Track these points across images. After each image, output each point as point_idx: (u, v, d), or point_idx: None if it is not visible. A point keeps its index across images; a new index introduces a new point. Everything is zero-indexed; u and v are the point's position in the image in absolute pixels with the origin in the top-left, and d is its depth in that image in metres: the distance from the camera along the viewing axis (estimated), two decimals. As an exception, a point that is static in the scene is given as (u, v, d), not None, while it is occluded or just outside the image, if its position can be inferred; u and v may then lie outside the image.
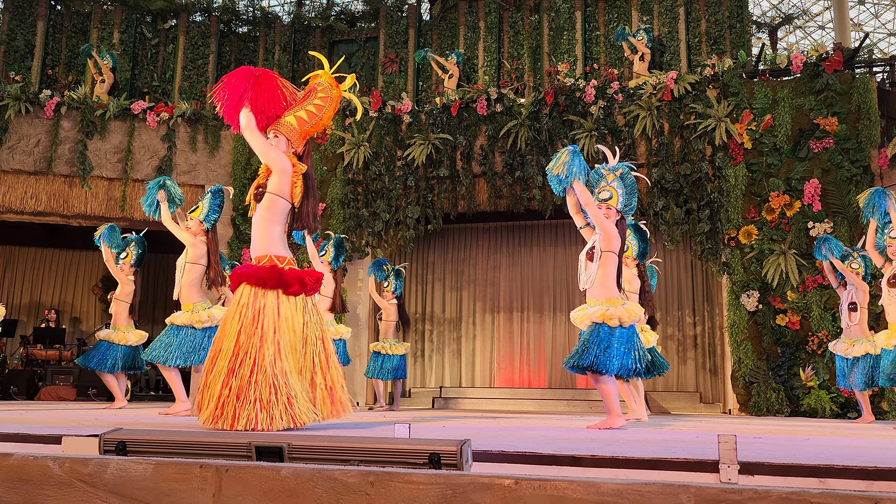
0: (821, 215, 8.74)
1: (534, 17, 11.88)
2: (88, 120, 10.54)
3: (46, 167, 10.40)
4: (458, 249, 11.77)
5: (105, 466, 1.97)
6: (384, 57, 12.16)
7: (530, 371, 11.17)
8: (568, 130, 9.78)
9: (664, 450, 2.69)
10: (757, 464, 2.28)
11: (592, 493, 1.67)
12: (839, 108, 8.94)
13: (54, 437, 2.73)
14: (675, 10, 11.16)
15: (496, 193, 10.09)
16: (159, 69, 12.46)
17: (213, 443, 2.22)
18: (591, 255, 4.51)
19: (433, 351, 11.58)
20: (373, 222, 10.28)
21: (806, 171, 8.91)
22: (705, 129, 9.27)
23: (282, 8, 16.40)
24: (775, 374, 8.52)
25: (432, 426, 4.54)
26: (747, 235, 8.99)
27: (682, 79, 9.51)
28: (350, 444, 2.11)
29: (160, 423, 4.33)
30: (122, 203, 10.50)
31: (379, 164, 10.36)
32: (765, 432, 4.41)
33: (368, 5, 12.78)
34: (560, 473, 2.41)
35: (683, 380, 10.51)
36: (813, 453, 2.74)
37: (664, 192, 9.39)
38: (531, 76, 11.57)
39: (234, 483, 1.88)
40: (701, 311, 10.63)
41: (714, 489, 1.62)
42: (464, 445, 2.04)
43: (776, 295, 8.72)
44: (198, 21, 12.76)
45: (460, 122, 10.22)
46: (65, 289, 13.87)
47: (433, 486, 1.76)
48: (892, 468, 2.19)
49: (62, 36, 12.33)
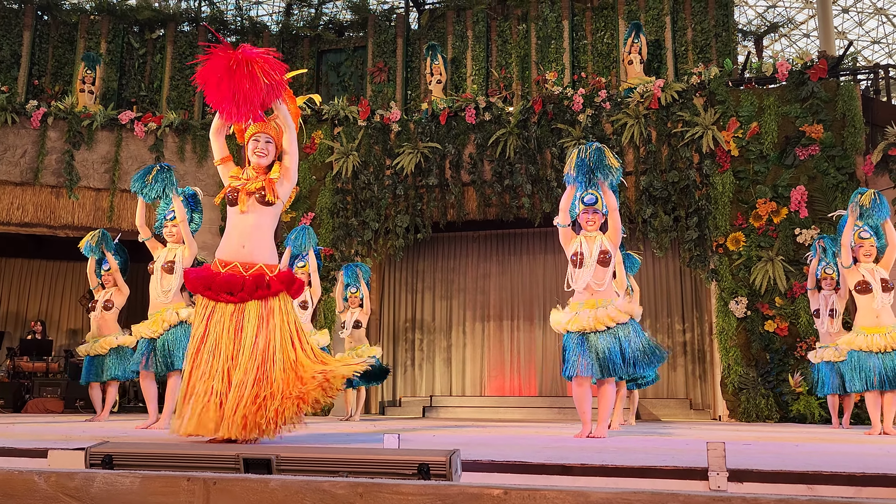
0: (807, 222, 8.80)
1: (521, 26, 11.93)
2: (75, 130, 10.50)
3: (33, 178, 10.34)
4: (448, 258, 11.77)
5: (91, 480, 1.95)
6: (372, 66, 12.18)
7: (520, 379, 11.17)
8: (556, 138, 9.82)
9: (653, 458, 2.70)
10: (746, 471, 2.28)
11: (581, 503, 1.67)
12: (824, 116, 9.02)
13: (40, 451, 2.70)
14: (662, 18, 11.24)
15: (485, 202, 10.10)
16: (147, 79, 12.42)
17: (201, 455, 2.20)
18: (603, 259, 4.47)
19: (423, 359, 11.56)
20: (362, 231, 10.27)
21: (792, 178, 8.98)
22: (692, 137, 9.33)
23: (270, 17, 16.42)
24: (764, 381, 8.55)
25: (422, 436, 4.53)
26: (735, 242, 9.04)
27: (669, 87, 9.57)
28: (338, 455, 2.10)
29: (147, 436, 4.30)
30: (109, 213, 10.44)
31: (368, 173, 10.36)
32: (754, 439, 4.42)
33: (356, 15, 12.80)
34: (550, 482, 2.41)
35: (673, 386, 10.53)
36: (802, 460, 2.75)
37: (652, 199, 9.43)
38: (519, 85, 11.61)
39: (221, 496, 1.86)
40: (690, 317, 10.67)
41: (703, 497, 1.62)
42: (453, 455, 2.03)
43: (764, 301, 8.76)
44: (185, 31, 12.74)
45: (449, 130, 10.24)
46: (52, 300, 13.76)
47: (422, 497, 1.76)
48: (880, 474, 2.20)
49: (49, 46, 12.28)
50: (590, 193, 4.59)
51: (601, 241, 4.52)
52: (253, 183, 3.63)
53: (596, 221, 4.57)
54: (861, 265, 5.74)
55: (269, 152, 3.73)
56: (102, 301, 7.23)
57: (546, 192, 9.75)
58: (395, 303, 11.75)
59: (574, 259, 4.51)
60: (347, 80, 12.51)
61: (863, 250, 5.74)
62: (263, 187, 3.60)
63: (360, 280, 8.24)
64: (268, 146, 3.72)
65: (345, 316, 8.23)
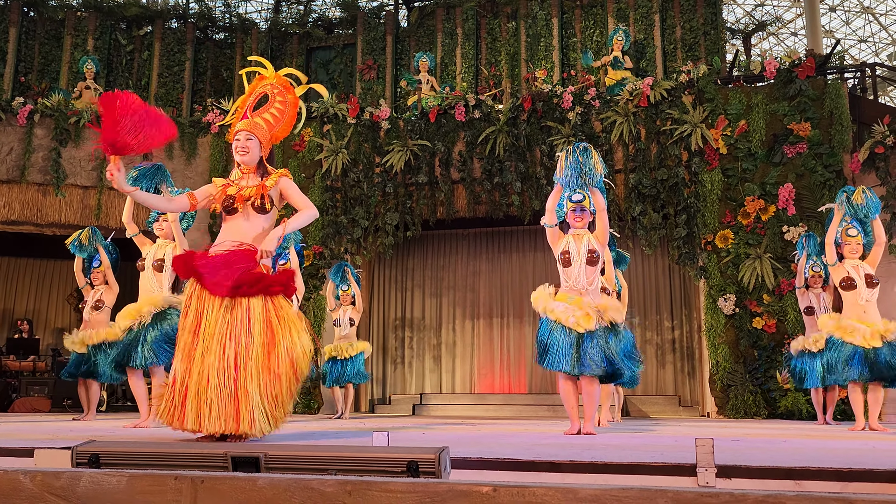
0: (795, 219, 8.85)
1: (511, 24, 11.93)
2: (62, 127, 10.42)
3: (19, 175, 10.25)
4: (438, 256, 11.76)
5: (78, 479, 1.93)
6: (362, 63, 12.15)
7: (510, 377, 11.18)
8: (546, 136, 9.83)
9: (642, 454, 2.70)
10: (734, 467, 2.30)
11: (570, 499, 1.67)
12: (812, 114, 9.07)
13: (26, 450, 2.68)
14: (651, 16, 11.27)
15: (475, 199, 10.10)
16: (134, 76, 12.34)
17: (188, 454, 2.19)
18: (591, 258, 4.49)
19: (413, 357, 11.56)
20: (351, 229, 10.25)
21: (780, 176, 9.02)
22: (681, 135, 9.36)
23: (259, 14, 16.36)
24: (752, 377, 8.60)
25: (412, 433, 4.53)
26: (723, 240, 9.08)
27: (658, 85, 9.60)
28: (327, 453, 2.10)
29: (134, 435, 4.28)
30: (97, 211, 10.37)
31: (357, 170, 10.34)
32: (742, 435, 4.44)
33: (346, 12, 12.76)
34: (539, 479, 2.41)
35: (662, 383, 10.58)
36: (789, 456, 2.77)
37: (641, 197, 9.46)
38: (509, 82, 11.61)
39: (209, 494, 1.85)
40: (679, 314, 10.71)
41: (691, 493, 1.63)
42: (442, 453, 2.03)
43: (752, 298, 8.81)
44: (174, 28, 12.66)
45: (438, 128, 10.23)
46: (38, 299, 13.65)
47: (411, 495, 1.75)
48: (866, 469, 2.22)
49: (35, 43, 12.18)
50: (578, 192, 4.61)
51: (588, 239, 4.53)
52: (248, 189, 3.64)
53: (584, 220, 4.59)
54: (847, 262, 5.76)
55: (249, 149, 3.69)
56: (93, 301, 7.08)
57: (535, 189, 9.76)
58: (384, 300, 11.73)
59: (562, 258, 4.53)
60: (337, 77, 12.47)
61: (849, 248, 5.76)
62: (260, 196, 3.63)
63: (349, 278, 8.30)
64: (248, 143, 3.69)
65: (337, 314, 8.32)
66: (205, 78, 12.66)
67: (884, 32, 21.14)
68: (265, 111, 3.76)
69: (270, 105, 3.79)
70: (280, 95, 3.80)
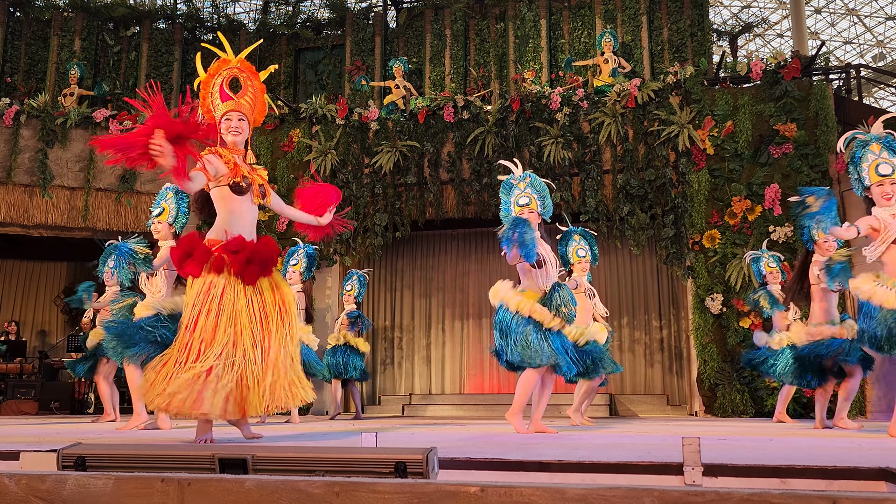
0: (781, 219, 8.91)
1: (499, 25, 11.95)
2: (49, 128, 10.35)
3: (6, 177, 10.18)
4: (427, 256, 11.76)
5: (63, 482, 1.92)
6: (350, 64, 12.14)
7: (500, 377, 11.19)
8: (534, 137, 9.85)
9: (630, 454, 2.72)
10: (721, 465, 2.31)
11: (558, 499, 1.68)
12: (798, 115, 9.13)
13: (12, 453, 2.66)
14: (638, 18, 11.31)
15: (464, 200, 10.11)
16: (122, 77, 12.28)
17: (175, 456, 2.18)
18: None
19: (402, 358, 11.55)
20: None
21: (766, 176, 9.08)
22: (669, 136, 9.40)
23: (247, 15, 16.30)
24: (739, 376, 8.65)
25: (400, 434, 4.53)
26: (711, 240, 9.12)
27: (646, 86, 9.64)
28: (315, 454, 2.10)
29: (121, 437, 4.26)
30: (84, 213, 10.30)
31: (346, 171, 10.33)
32: (729, 433, 4.47)
33: (334, 13, 12.75)
34: (527, 479, 2.42)
35: (651, 382, 10.62)
36: (775, 454, 2.79)
37: (629, 197, 9.50)
38: (497, 83, 11.63)
39: (196, 496, 1.85)
40: (667, 314, 10.76)
41: (677, 492, 1.64)
42: (430, 453, 2.03)
43: (739, 298, 8.86)
44: (161, 28, 12.61)
45: (427, 129, 10.23)
46: (25, 301, 13.55)
47: (399, 496, 1.76)
48: (850, 467, 2.24)
49: (21, 43, 12.09)
50: (525, 195, 4.73)
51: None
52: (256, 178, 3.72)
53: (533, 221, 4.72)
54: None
55: (242, 130, 3.72)
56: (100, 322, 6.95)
57: (524, 190, 9.76)
58: (374, 301, 11.72)
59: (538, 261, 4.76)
60: (325, 78, 12.45)
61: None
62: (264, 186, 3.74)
63: (354, 282, 8.70)
64: (241, 124, 3.72)
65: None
66: (193, 79, 12.59)
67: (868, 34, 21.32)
68: (242, 96, 3.77)
69: (245, 91, 3.79)
70: (249, 81, 3.81)
